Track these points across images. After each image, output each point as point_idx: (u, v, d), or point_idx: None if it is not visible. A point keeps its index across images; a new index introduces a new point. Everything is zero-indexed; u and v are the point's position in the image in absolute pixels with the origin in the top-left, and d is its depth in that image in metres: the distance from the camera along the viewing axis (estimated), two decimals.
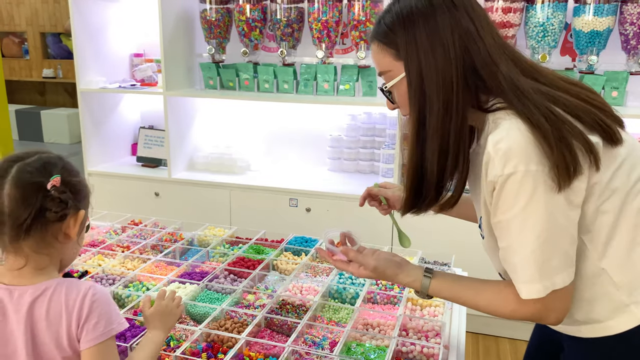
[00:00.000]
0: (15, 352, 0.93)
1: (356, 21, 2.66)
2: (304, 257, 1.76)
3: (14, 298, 0.93)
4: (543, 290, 0.91)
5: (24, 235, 0.92)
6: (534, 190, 0.88)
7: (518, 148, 0.88)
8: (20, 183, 0.91)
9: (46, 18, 7.89)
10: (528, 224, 0.90)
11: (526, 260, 0.91)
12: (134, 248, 1.80)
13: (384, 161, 2.73)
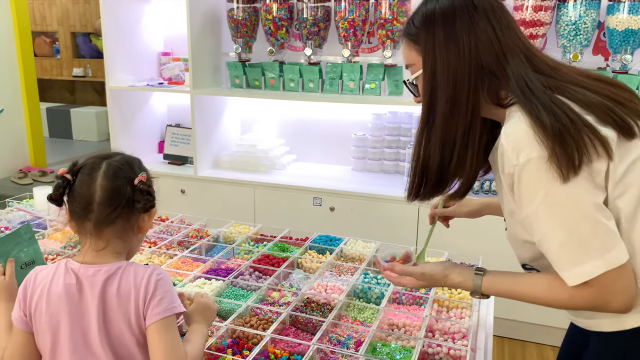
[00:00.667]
0: (89, 327, 1.00)
1: (383, 20, 2.64)
2: (328, 256, 1.75)
3: (89, 275, 1.01)
4: (592, 272, 0.89)
5: (110, 222, 1.02)
6: (571, 180, 0.89)
7: (527, 137, 0.92)
8: (112, 176, 1.03)
9: (77, 18, 8.07)
10: (555, 209, 0.91)
11: (563, 246, 0.91)
12: (161, 244, 1.82)
13: (410, 161, 2.70)
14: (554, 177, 0.89)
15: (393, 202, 2.67)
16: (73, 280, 1.01)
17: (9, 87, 4.59)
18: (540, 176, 0.90)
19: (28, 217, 2.06)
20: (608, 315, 0.99)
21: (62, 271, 1.02)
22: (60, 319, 1.00)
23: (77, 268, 1.02)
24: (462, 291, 1.53)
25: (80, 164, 1.06)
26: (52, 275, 1.02)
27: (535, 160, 0.90)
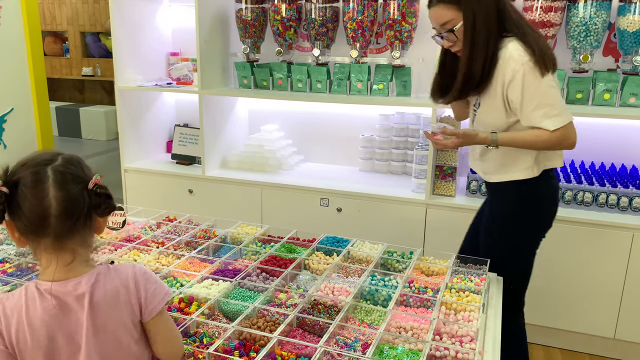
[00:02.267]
0: (81, 340, 0.97)
1: (391, 20, 2.63)
2: (335, 258, 1.75)
3: (70, 290, 0.97)
4: (563, 121, 1.58)
5: (73, 233, 0.96)
6: (545, 76, 1.57)
7: (519, 51, 1.58)
8: (65, 185, 0.94)
9: (86, 18, 8.13)
10: (543, 90, 1.57)
11: (547, 110, 1.58)
12: (169, 244, 1.83)
13: (417, 162, 2.70)
14: (537, 73, 1.57)
15: (400, 203, 2.66)
16: (52, 302, 0.96)
17: (19, 87, 4.63)
18: (534, 71, 1.57)
19: None
20: (515, 170, 1.69)
21: (36, 295, 0.96)
22: (51, 341, 0.96)
23: (50, 288, 0.96)
24: (469, 294, 1.52)
25: (16, 173, 0.95)
26: (25, 303, 0.96)
27: (527, 63, 1.56)
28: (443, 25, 1.65)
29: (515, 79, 1.56)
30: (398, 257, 1.77)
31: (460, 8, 1.60)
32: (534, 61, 1.55)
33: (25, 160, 0.97)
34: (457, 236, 2.58)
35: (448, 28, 1.64)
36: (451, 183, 2.63)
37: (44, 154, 0.99)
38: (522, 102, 1.58)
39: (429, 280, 1.61)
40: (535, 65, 1.55)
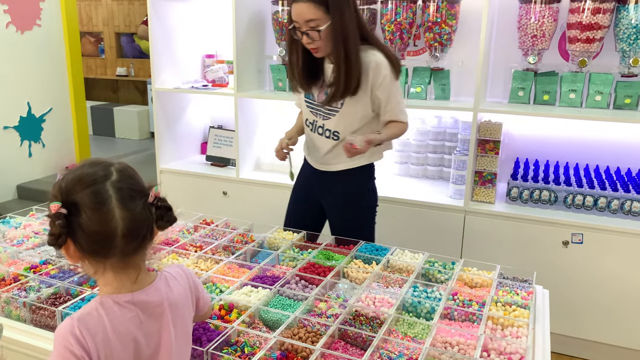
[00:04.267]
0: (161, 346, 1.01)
1: (431, 23, 2.58)
2: (375, 266, 1.71)
3: (147, 298, 0.99)
4: (406, 115, 1.96)
5: (139, 250, 0.96)
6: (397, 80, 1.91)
7: (385, 60, 1.85)
8: (130, 204, 0.92)
9: (121, 19, 8.27)
10: (398, 94, 1.93)
11: (402, 107, 1.94)
12: (207, 248, 1.82)
13: (456, 167, 2.64)
14: (395, 78, 1.89)
15: (437, 209, 2.61)
16: (135, 311, 0.97)
17: (57, 87, 4.74)
18: (394, 80, 1.89)
19: None
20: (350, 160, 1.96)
21: (116, 308, 0.96)
22: (136, 353, 0.97)
23: (130, 299, 0.97)
24: (516, 308, 1.46)
25: (74, 192, 0.90)
26: (106, 318, 0.94)
27: (390, 71, 1.85)
28: (307, 22, 1.75)
29: (384, 82, 1.85)
30: (440, 268, 1.72)
31: (329, 12, 1.72)
32: (393, 68, 1.86)
33: (79, 175, 0.92)
34: (497, 245, 2.51)
35: (312, 26, 1.75)
36: (491, 189, 2.56)
37: (96, 165, 0.95)
38: (387, 101, 1.89)
39: (473, 292, 1.56)
40: (393, 72, 1.86)
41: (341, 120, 1.93)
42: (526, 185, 2.52)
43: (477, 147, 2.53)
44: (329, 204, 2.10)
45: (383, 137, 1.90)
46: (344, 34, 1.74)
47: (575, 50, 2.44)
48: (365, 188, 2.07)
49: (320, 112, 1.98)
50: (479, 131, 2.50)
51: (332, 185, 2.05)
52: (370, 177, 2.08)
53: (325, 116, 1.97)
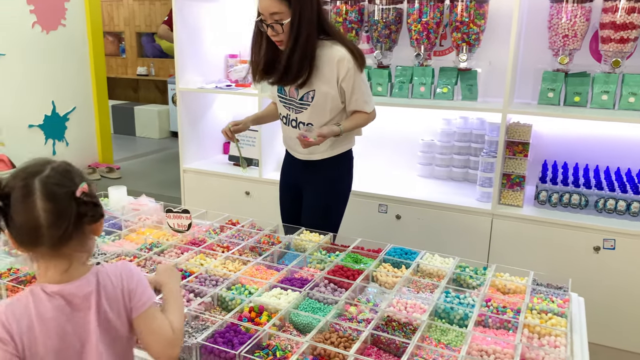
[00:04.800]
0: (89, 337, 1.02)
1: (459, 22, 2.54)
2: (404, 270, 1.69)
3: (74, 291, 1.02)
4: (372, 105, 2.06)
5: (66, 241, 0.99)
6: (363, 71, 2.00)
7: (348, 53, 1.93)
8: (52, 196, 0.96)
9: (142, 19, 8.34)
10: (363, 85, 2.01)
11: (366, 98, 2.02)
12: (234, 249, 1.81)
13: (483, 169, 2.59)
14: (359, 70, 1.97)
15: (464, 212, 2.56)
16: (62, 302, 1.00)
17: (80, 86, 4.79)
18: (358, 71, 1.97)
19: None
20: (326, 148, 2.08)
21: (44, 297, 1.00)
22: (60, 340, 1.00)
23: (57, 290, 1.00)
24: (553, 316, 1.42)
25: (8, 186, 0.96)
26: (33, 305, 0.99)
27: (353, 64, 1.93)
28: (272, 15, 1.84)
29: (349, 74, 1.93)
30: (471, 273, 1.68)
31: (291, 6, 1.81)
32: (357, 61, 1.93)
33: (17, 170, 1.00)
34: (525, 250, 2.46)
35: (276, 19, 1.84)
36: (519, 192, 2.51)
37: (34, 163, 1.01)
38: (352, 92, 1.97)
39: (507, 299, 1.52)
40: (357, 65, 1.93)
41: (313, 113, 2.01)
42: (555, 189, 2.46)
43: (506, 149, 2.48)
44: (306, 189, 2.18)
45: (342, 129, 1.99)
46: (299, 28, 1.83)
47: (609, 50, 2.38)
48: (344, 174, 2.18)
49: (292, 106, 2.06)
50: (507, 133, 2.45)
51: (312, 172, 2.14)
52: (349, 163, 2.18)
53: (298, 109, 2.04)
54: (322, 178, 2.13)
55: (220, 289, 1.51)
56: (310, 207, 2.18)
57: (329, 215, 2.17)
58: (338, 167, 2.14)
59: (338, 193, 2.19)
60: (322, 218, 2.13)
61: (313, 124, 2.03)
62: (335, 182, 2.16)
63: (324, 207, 2.16)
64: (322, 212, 2.15)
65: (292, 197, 2.26)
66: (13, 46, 4.13)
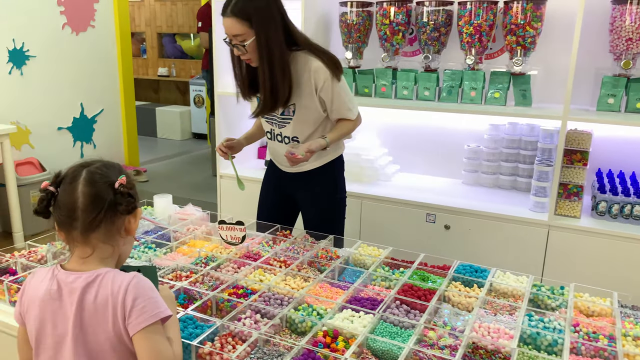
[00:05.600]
0: (66, 333, 1.03)
1: (514, 25, 2.43)
2: (476, 289, 1.59)
3: (69, 281, 1.04)
4: (356, 111, 2.00)
5: (95, 227, 1.04)
6: (341, 78, 1.92)
7: (322, 63, 1.86)
8: (93, 182, 1.05)
9: (163, 19, 8.31)
10: (343, 93, 1.93)
11: (349, 105, 1.96)
12: (292, 264, 1.72)
13: (537, 178, 2.48)
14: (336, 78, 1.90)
15: (518, 223, 2.45)
16: (54, 287, 1.05)
17: (108, 87, 4.75)
18: (337, 81, 1.89)
19: (152, 227, 2.03)
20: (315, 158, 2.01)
21: (49, 277, 1.07)
22: (41, 323, 1.06)
23: (60, 275, 1.06)
24: None
25: (62, 174, 1.08)
26: (41, 280, 1.07)
27: (329, 73, 1.86)
28: (235, 37, 1.77)
29: (326, 84, 1.86)
30: (548, 293, 1.58)
31: (252, 27, 1.73)
32: (332, 69, 1.86)
33: (74, 164, 1.10)
34: (583, 263, 2.35)
35: (239, 40, 1.77)
36: (576, 203, 2.39)
37: (90, 160, 1.11)
38: (332, 101, 1.91)
39: (594, 323, 1.42)
40: (333, 73, 1.86)
41: (297, 126, 1.97)
42: (616, 200, 2.34)
43: (563, 158, 2.37)
44: (303, 200, 2.14)
45: (328, 141, 1.94)
46: (268, 48, 1.76)
47: None
48: (338, 181, 2.13)
49: (275, 121, 2.01)
50: (566, 140, 2.34)
51: (305, 182, 2.10)
52: (340, 169, 2.14)
53: (281, 124, 2.00)
54: (317, 190, 2.09)
55: (288, 310, 1.43)
56: (311, 219, 2.14)
57: (333, 224, 2.13)
58: (330, 174, 2.09)
59: (337, 200, 2.15)
60: (327, 229, 2.05)
61: (298, 137, 1.98)
62: (331, 191, 2.11)
63: (328, 219, 2.12)
64: (327, 223, 2.10)
65: (276, 201, 2.21)
66: (44, 48, 4.09)
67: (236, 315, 1.40)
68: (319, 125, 1.98)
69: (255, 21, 1.73)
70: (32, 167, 3.95)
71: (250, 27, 1.73)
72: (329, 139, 1.94)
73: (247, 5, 1.72)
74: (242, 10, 1.72)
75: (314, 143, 1.90)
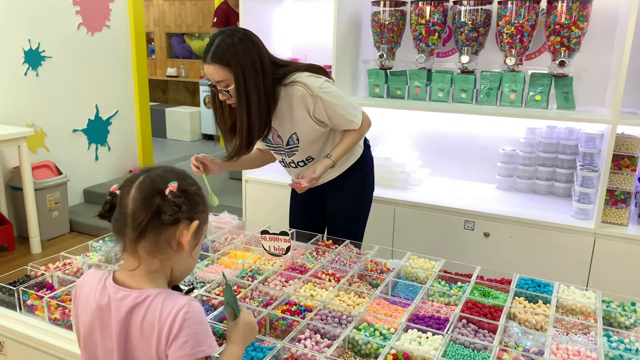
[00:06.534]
0: (112, 349, 0.99)
1: (558, 25, 2.33)
2: (543, 307, 1.50)
3: (118, 298, 0.98)
4: (359, 117, 1.92)
5: (140, 235, 0.97)
6: (330, 86, 1.86)
7: (303, 92, 1.81)
8: (143, 187, 0.99)
9: (172, 19, 8.21)
10: (337, 106, 1.86)
11: (348, 117, 1.89)
12: (343, 278, 1.63)
13: (581, 184, 2.39)
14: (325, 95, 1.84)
15: (560, 230, 2.37)
16: (105, 300, 1.00)
17: (123, 89, 4.66)
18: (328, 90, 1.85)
19: None
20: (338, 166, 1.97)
21: (101, 286, 1.02)
22: (91, 331, 1.02)
23: (111, 288, 1.01)
24: None
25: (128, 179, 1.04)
26: (94, 286, 1.03)
27: (313, 96, 1.82)
28: (218, 82, 1.75)
29: (317, 105, 1.82)
30: (619, 310, 1.49)
31: (231, 70, 1.71)
32: (316, 91, 1.80)
33: (141, 168, 1.05)
34: (631, 273, 2.26)
35: (223, 86, 1.74)
36: (624, 210, 2.30)
37: (157, 166, 1.05)
38: (329, 118, 1.87)
39: None
40: (320, 92, 1.81)
41: (305, 150, 1.96)
42: None
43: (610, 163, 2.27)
44: (335, 201, 2.13)
45: (334, 159, 1.90)
46: (247, 92, 1.73)
47: None
48: (367, 179, 2.14)
49: (282, 151, 2.00)
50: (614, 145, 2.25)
51: (334, 188, 2.08)
52: (366, 166, 2.12)
53: (289, 153, 1.99)
54: (346, 188, 2.09)
55: (350, 330, 1.34)
56: (336, 217, 2.15)
57: (358, 223, 2.15)
58: (358, 174, 2.08)
59: (365, 197, 2.15)
60: (351, 225, 2.10)
61: (312, 155, 1.98)
62: (359, 191, 2.12)
63: (353, 217, 2.13)
64: (352, 220, 2.13)
65: (306, 201, 2.17)
66: (59, 48, 4.00)
67: (295, 336, 1.31)
68: (327, 139, 1.97)
69: (234, 66, 1.70)
70: (49, 171, 3.86)
71: (230, 71, 1.71)
72: (335, 156, 1.91)
73: (225, 52, 1.70)
74: (222, 57, 1.70)
75: (319, 166, 1.87)
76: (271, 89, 1.79)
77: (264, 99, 1.76)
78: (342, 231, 2.07)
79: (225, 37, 1.71)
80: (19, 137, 3.36)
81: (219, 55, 1.70)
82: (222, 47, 1.70)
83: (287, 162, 2.05)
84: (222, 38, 1.71)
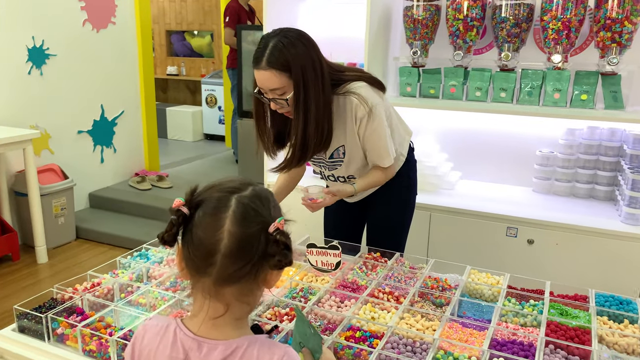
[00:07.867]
0: None
1: (610, 20, 2.20)
2: (634, 329, 1.36)
3: (202, 353, 0.83)
4: (392, 160, 1.79)
5: (235, 281, 0.82)
6: (382, 112, 1.71)
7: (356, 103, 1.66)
8: (244, 221, 0.81)
9: (172, 16, 8.02)
10: (376, 136, 1.72)
11: (381, 152, 1.76)
12: (406, 300, 1.48)
13: (630, 187, 2.26)
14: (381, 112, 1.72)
15: (609, 236, 2.24)
16: (180, 356, 0.83)
17: (129, 88, 4.48)
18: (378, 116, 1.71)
19: None
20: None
21: (170, 340, 0.85)
22: None
23: (186, 341, 0.84)
24: None
25: (202, 196, 0.85)
26: (160, 341, 0.86)
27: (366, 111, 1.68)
28: (273, 90, 1.57)
29: (363, 121, 1.68)
30: None
31: (292, 77, 1.53)
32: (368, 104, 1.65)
33: (214, 183, 0.87)
34: None
35: (278, 94, 1.58)
36: None
37: (234, 180, 0.88)
38: (364, 141, 1.73)
39: None
40: (373, 108, 1.67)
41: (350, 166, 1.83)
42: None
43: None
44: (380, 208, 2.00)
45: (357, 188, 1.78)
46: (307, 100, 1.56)
47: None
48: (413, 184, 2.03)
49: (323, 164, 1.87)
50: None
51: (378, 195, 1.96)
52: (412, 171, 2.00)
53: (331, 167, 1.86)
54: (391, 199, 1.97)
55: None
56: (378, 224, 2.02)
57: (400, 233, 2.04)
58: (401, 183, 1.94)
59: (409, 209, 2.06)
60: (391, 236, 2.00)
61: (353, 175, 1.84)
62: (405, 201, 2.01)
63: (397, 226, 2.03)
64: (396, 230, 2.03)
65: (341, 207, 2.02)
66: (64, 46, 3.81)
67: None
68: (367, 165, 1.84)
69: (295, 71, 1.52)
70: (54, 175, 3.68)
71: (290, 78, 1.54)
72: (358, 186, 1.78)
73: (284, 56, 1.51)
74: (281, 62, 1.51)
75: (341, 190, 1.75)
76: (330, 97, 1.62)
77: (323, 107, 1.59)
78: (385, 241, 1.93)
79: (281, 38, 1.53)
80: (24, 140, 3.18)
81: (277, 59, 1.51)
82: (280, 49, 1.51)
83: (326, 174, 1.92)
84: (278, 39, 1.52)
